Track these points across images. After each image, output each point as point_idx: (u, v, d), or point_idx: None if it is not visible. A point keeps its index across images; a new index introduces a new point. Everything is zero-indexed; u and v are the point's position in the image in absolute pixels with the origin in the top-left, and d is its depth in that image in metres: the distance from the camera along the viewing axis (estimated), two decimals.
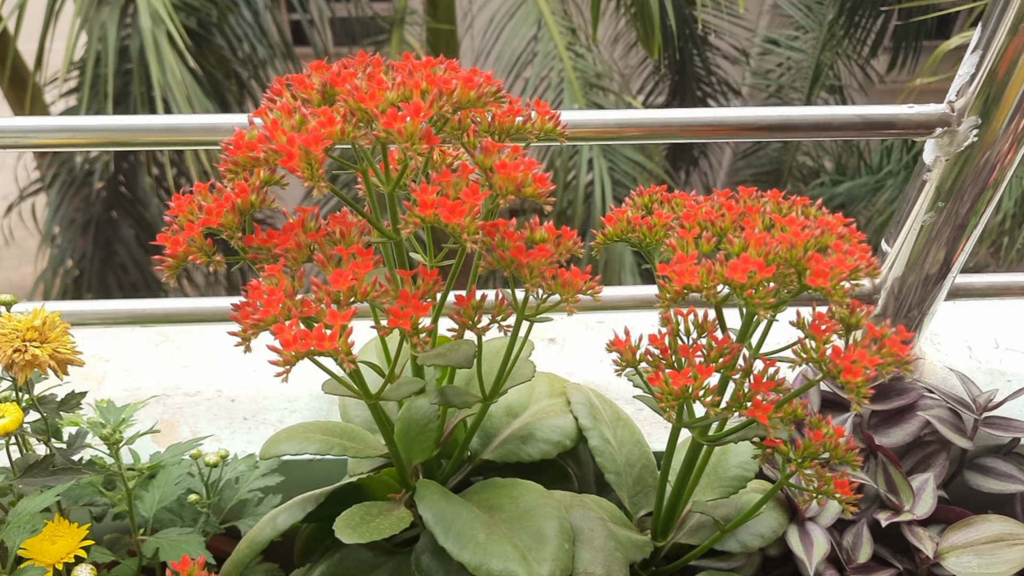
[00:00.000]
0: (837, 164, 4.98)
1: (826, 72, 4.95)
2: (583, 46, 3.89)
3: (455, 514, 0.59)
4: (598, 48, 4.25)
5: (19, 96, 4.13)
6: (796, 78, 5.15)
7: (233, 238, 0.50)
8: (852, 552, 0.75)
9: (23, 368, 0.53)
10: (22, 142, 0.71)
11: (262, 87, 3.94)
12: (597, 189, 3.65)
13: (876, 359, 0.49)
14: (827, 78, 4.99)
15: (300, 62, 3.95)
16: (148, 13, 3.41)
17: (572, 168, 3.78)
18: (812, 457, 0.55)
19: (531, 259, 0.50)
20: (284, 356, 0.44)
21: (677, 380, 0.49)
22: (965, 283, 0.86)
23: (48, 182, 4.13)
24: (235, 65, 3.94)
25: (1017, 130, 0.67)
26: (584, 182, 3.80)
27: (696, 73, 4.84)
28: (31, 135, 0.70)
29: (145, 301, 0.83)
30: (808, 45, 5.01)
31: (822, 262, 0.48)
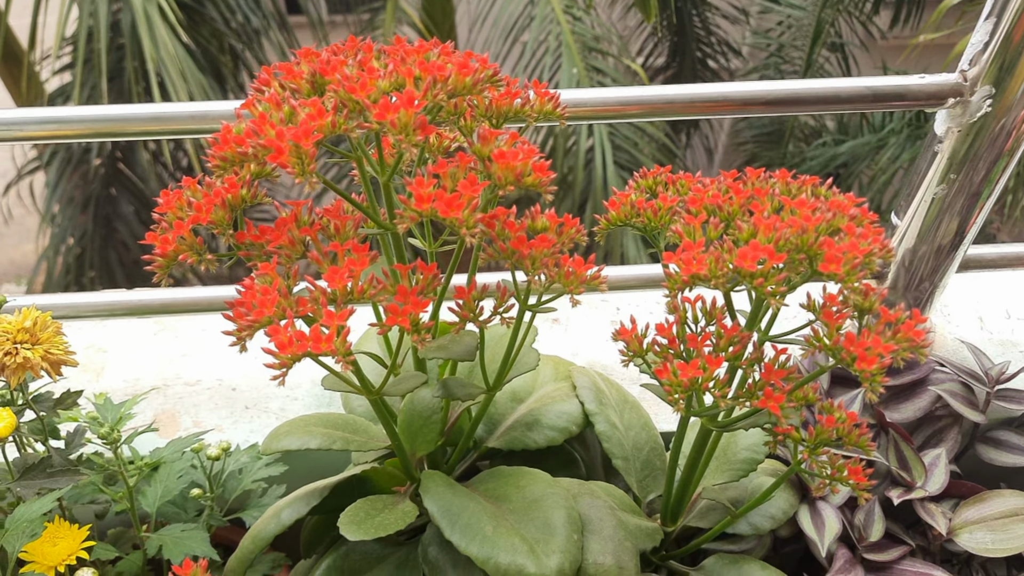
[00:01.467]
0: (839, 123, 4.92)
1: (827, 30, 4.87)
2: (581, 9, 3.83)
3: (461, 506, 0.58)
4: (596, 10, 4.19)
5: (13, 73, 4.08)
6: (797, 36, 5.08)
7: (224, 235, 0.48)
8: (864, 530, 0.74)
9: (15, 371, 0.52)
10: (11, 135, 0.69)
11: (256, 58, 3.89)
12: (597, 154, 3.61)
13: (891, 345, 0.47)
14: (828, 36, 4.92)
15: (294, 33, 3.89)
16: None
17: (572, 133, 3.74)
18: (824, 443, 0.54)
19: (533, 249, 0.49)
20: (280, 359, 0.43)
21: (686, 372, 0.48)
22: (976, 254, 0.84)
23: (46, 160, 4.10)
24: (229, 38, 3.89)
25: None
26: (584, 147, 3.76)
27: (696, 33, 4.77)
28: (19, 127, 0.68)
29: (142, 292, 0.82)
30: (808, 2, 4.93)
31: (834, 247, 0.46)
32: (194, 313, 0.83)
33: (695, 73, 4.82)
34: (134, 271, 4.06)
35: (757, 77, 4.97)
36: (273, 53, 3.93)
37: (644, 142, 3.83)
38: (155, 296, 0.82)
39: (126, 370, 0.85)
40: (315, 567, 0.63)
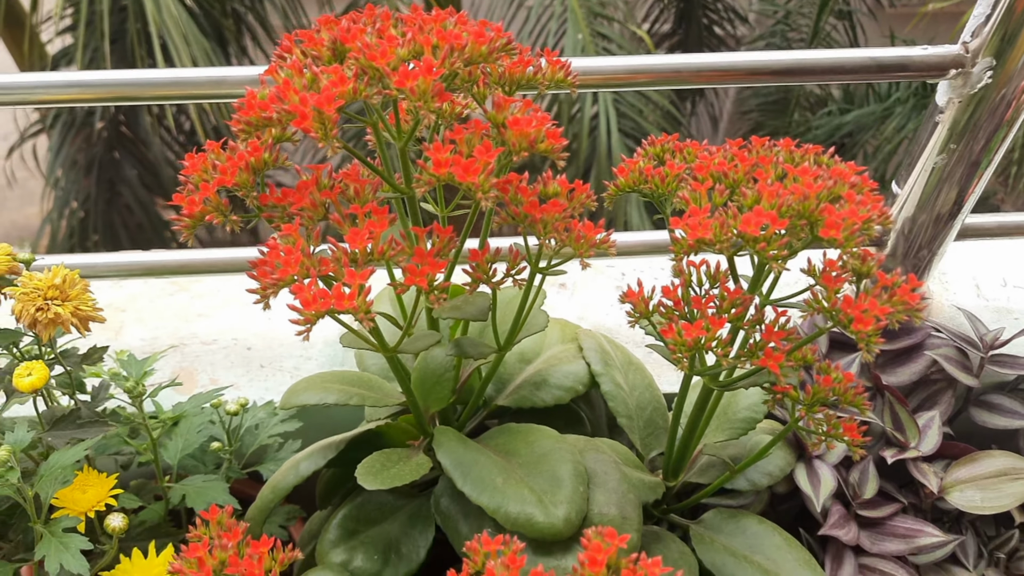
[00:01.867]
0: (845, 92, 4.90)
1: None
2: None
3: (473, 460, 0.61)
4: None
5: (15, 36, 4.07)
6: (804, 3, 5.03)
7: (248, 197, 0.50)
8: (858, 488, 0.77)
9: (46, 326, 0.54)
10: (29, 98, 0.70)
11: (259, 22, 3.87)
12: (602, 122, 3.60)
13: (887, 308, 0.49)
14: (835, 3, 4.87)
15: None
16: None
17: (577, 101, 3.73)
18: (821, 402, 0.56)
19: (545, 214, 0.51)
20: (304, 315, 0.45)
21: (690, 332, 0.50)
22: (974, 223, 0.86)
23: (49, 123, 4.10)
24: (232, 2, 3.87)
25: None
26: (589, 115, 3.75)
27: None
28: (38, 91, 0.70)
29: (158, 253, 0.84)
30: None
31: (835, 213, 0.48)
32: (209, 274, 0.85)
33: (701, 40, 4.79)
34: (138, 235, 4.07)
35: (763, 44, 4.94)
36: (276, 15, 3.90)
37: (649, 110, 3.83)
38: (171, 257, 0.84)
39: (143, 330, 0.87)
40: (331, 517, 0.66)
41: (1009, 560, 0.81)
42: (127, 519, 0.56)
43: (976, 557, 0.79)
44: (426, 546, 0.65)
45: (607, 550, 0.44)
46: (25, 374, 0.54)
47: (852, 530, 0.75)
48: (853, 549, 0.75)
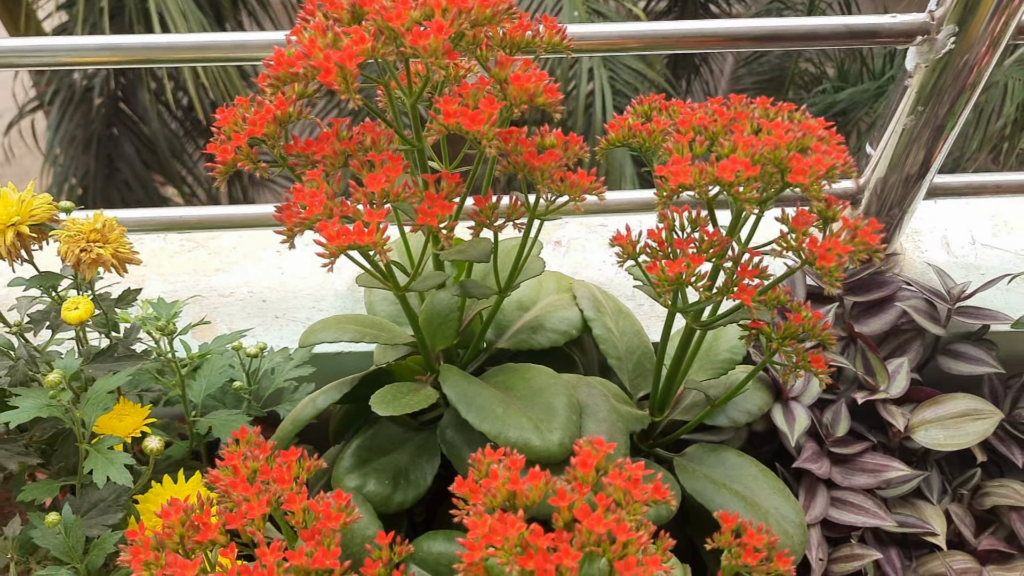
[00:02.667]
0: (839, 70, 4.94)
1: None
2: None
3: (475, 392, 0.67)
4: None
5: (12, 12, 4.07)
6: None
7: (275, 147, 0.55)
8: (831, 427, 0.83)
9: (89, 266, 0.60)
10: (59, 60, 0.75)
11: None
12: (598, 99, 3.64)
13: (849, 247, 0.55)
14: None
15: None
16: None
17: (572, 78, 3.76)
18: (792, 337, 0.62)
19: (542, 162, 0.56)
20: (329, 249, 0.51)
21: (672, 268, 0.55)
22: (943, 183, 0.91)
23: (48, 99, 4.11)
24: None
25: (993, 33, 0.71)
26: (584, 92, 3.79)
27: None
28: (68, 53, 0.75)
29: (176, 209, 0.89)
30: None
31: (802, 161, 0.54)
32: (224, 229, 0.90)
33: (697, 17, 4.82)
34: None
35: None
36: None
37: (644, 88, 3.86)
38: (189, 213, 0.89)
39: (164, 283, 0.93)
40: (345, 447, 0.72)
41: (972, 497, 0.87)
42: (163, 441, 0.61)
43: (940, 492, 0.85)
44: (432, 473, 0.71)
45: (596, 455, 0.50)
46: (72, 308, 0.59)
47: (825, 465, 0.81)
48: (825, 483, 0.82)
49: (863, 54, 4.84)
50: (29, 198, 0.63)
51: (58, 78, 4.02)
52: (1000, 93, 3.77)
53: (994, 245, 0.96)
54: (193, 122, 4.28)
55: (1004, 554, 0.83)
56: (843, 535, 0.80)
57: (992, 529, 0.86)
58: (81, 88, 4.05)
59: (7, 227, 0.62)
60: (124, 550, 0.48)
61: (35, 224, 0.63)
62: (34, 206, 0.63)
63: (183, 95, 4.11)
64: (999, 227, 0.98)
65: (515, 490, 0.48)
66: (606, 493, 0.48)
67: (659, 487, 0.49)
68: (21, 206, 0.63)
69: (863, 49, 4.75)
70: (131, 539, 0.48)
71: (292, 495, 0.50)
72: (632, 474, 0.49)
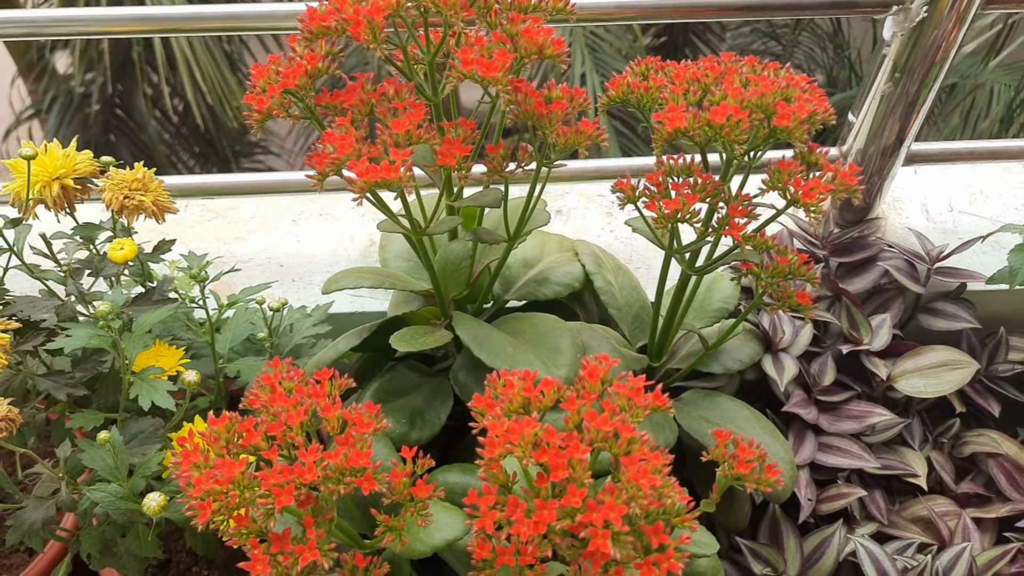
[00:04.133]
0: (828, 76, 5.03)
1: None
2: None
3: (487, 334, 0.72)
4: None
5: None
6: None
7: (306, 97, 0.61)
8: (818, 377, 0.88)
9: (131, 212, 0.65)
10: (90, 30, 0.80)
11: None
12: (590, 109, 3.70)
13: (829, 186, 0.61)
14: None
15: None
16: None
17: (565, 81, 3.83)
18: (779, 275, 0.67)
19: (550, 110, 0.61)
20: (358, 184, 0.56)
21: (669, 205, 0.61)
22: (921, 150, 0.97)
23: (46, 106, 4.15)
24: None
25: (959, 10, 0.77)
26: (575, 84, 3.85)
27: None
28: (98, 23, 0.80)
29: (196, 176, 0.94)
30: None
31: (787, 107, 0.59)
32: (243, 196, 0.95)
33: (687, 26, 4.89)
34: None
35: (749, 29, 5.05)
36: None
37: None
38: (210, 180, 0.94)
39: (185, 251, 0.97)
40: (364, 391, 0.77)
41: (952, 446, 0.92)
42: (199, 375, 0.66)
43: (922, 441, 0.90)
44: (446, 414, 0.76)
45: (602, 368, 0.55)
46: (118, 248, 0.64)
47: (812, 412, 0.86)
48: (813, 429, 0.87)
49: (851, 60, 4.93)
50: (73, 153, 0.68)
51: (55, 85, 4.06)
52: (987, 97, 3.84)
53: (971, 212, 1.02)
54: (190, 128, 4.33)
55: (982, 497, 0.89)
56: (830, 477, 0.85)
57: (971, 476, 0.91)
58: (78, 95, 4.09)
59: (53, 180, 0.67)
60: (174, 453, 0.53)
61: (78, 178, 0.68)
62: (78, 161, 0.68)
63: (179, 101, 4.15)
64: (975, 195, 1.04)
65: (530, 396, 0.53)
66: (611, 400, 0.53)
67: (659, 395, 0.54)
68: (66, 160, 0.68)
69: (851, 54, 4.85)
70: (181, 443, 0.53)
71: (328, 405, 0.55)
72: (635, 384, 0.54)
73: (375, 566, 0.59)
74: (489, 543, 0.54)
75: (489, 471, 0.52)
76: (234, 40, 3.95)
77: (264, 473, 0.51)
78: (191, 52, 3.62)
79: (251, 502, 0.51)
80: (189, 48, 3.59)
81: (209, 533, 0.75)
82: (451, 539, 0.64)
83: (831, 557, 0.80)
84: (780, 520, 0.82)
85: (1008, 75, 3.69)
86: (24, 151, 0.63)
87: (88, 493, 0.58)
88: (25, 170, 0.66)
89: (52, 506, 0.61)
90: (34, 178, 0.67)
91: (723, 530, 0.83)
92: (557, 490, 0.50)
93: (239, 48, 3.97)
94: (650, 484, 0.50)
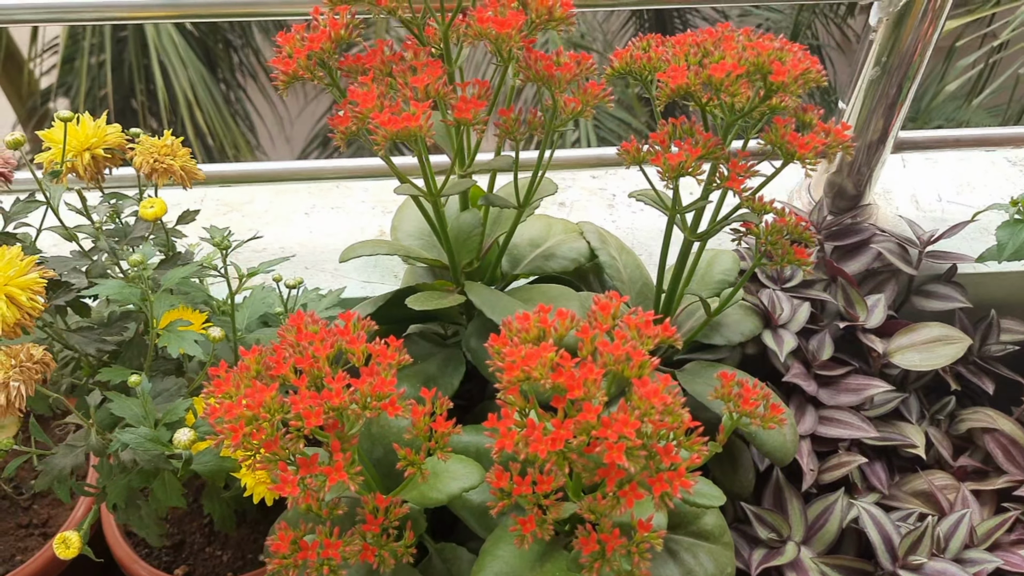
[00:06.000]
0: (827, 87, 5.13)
1: (804, 32, 5.09)
2: None
3: (498, 299, 0.75)
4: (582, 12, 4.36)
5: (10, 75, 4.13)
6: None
7: (331, 60, 0.64)
8: (816, 353, 0.91)
9: (161, 175, 0.68)
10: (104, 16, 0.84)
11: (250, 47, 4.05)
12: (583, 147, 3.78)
13: (823, 140, 0.64)
14: (805, 38, 5.12)
15: None
16: None
17: None
18: (777, 232, 0.71)
19: (560, 72, 0.65)
20: (381, 134, 0.59)
21: (673, 158, 0.64)
22: (909, 137, 1.01)
23: None
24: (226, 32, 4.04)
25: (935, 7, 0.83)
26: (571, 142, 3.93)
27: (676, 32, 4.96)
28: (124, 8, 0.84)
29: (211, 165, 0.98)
30: (786, 7, 5.14)
31: (781, 65, 0.63)
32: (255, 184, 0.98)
33: None
34: None
35: None
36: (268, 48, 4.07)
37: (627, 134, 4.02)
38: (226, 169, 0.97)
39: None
40: None
41: (950, 424, 0.95)
42: (223, 331, 0.69)
43: (919, 416, 0.93)
44: (458, 380, 0.79)
45: (613, 304, 0.58)
46: (148, 206, 0.67)
47: (812, 384, 0.89)
48: (813, 403, 0.89)
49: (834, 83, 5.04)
50: (104, 125, 0.72)
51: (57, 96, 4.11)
52: None
53: (959, 202, 1.06)
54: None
55: (980, 472, 0.91)
56: (831, 449, 0.88)
57: (968, 452, 0.93)
58: None
59: (84, 150, 0.71)
60: (207, 384, 0.55)
61: (108, 148, 0.72)
62: (108, 132, 0.72)
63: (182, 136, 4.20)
64: (963, 187, 1.08)
65: (545, 326, 0.56)
66: (622, 330, 0.56)
67: (667, 327, 0.57)
68: (97, 131, 0.71)
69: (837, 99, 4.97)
70: (213, 375, 0.56)
71: (353, 338, 0.57)
72: (644, 318, 0.57)
73: (395, 506, 0.61)
74: (507, 473, 0.57)
75: (507, 395, 0.54)
76: (233, 86, 4.04)
77: (294, 397, 0.54)
78: (192, 94, 3.69)
79: (281, 424, 0.53)
80: (191, 90, 3.66)
81: (225, 502, 0.77)
82: (468, 486, 0.66)
83: (835, 523, 0.82)
84: (784, 487, 0.84)
85: (990, 116, 3.78)
86: (62, 114, 0.66)
87: (118, 435, 0.60)
88: (58, 140, 0.70)
89: (81, 453, 0.63)
90: (67, 148, 0.70)
91: (728, 498, 0.84)
92: (574, 410, 0.53)
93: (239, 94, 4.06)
94: (661, 402, 0.52)
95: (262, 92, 4.12)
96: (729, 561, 0.73)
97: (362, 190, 1.05)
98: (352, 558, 0.58)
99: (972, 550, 0.81)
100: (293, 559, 0.57)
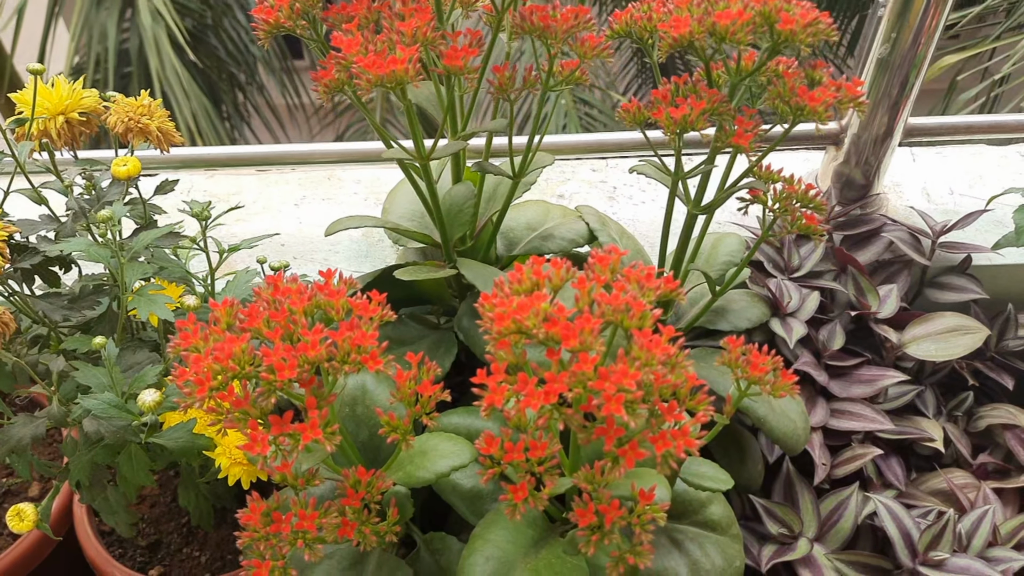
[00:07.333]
0: None
1: None
2: None
3: (491, 273, 0.71)
4: None
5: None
6: None
7: (314, 8, 0.61)
8: (827, 343, 0.86)
9: (137, 135, 0.65)
10: None
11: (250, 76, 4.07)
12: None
13: (834, 94, 0.61)
14: None
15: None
16: (148, 11, 3.53)
17: None
18: (788, 198, 0.67)
19: (556, 24, 0.62)
20: (365, 77, 0.56)
21: (676, 112, 0.61)
22: (919, 123, 0.98)
23: None
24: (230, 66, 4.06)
25: None
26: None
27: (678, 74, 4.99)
28: None
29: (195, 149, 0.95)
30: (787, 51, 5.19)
31: (788, 15, 0.60)
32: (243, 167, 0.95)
33: None
34: None
35: None
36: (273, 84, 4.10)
37: None
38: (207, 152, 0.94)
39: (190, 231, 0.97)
40: None
41: (968, 421, 0.90)
42: (200, 299, 0.65)
43: (935, 412, 0.88)
44: (450, 361, 0.74)
45: (612, 257, 0.54)
46: (121, 164, 0.63)
47: (823, 375, 0.84)
48: (824, 395, 0.85)
49: None
50: (80, 88, 0.69)
51: None
52: None
53: (970, 195, 1.02)
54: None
55: (1001, 470, 0.86)
56: (844, 443, 0.83)
57: (988, 450, 0.88)
58: None
59: (57, 114, 0.68)
60: (176, 329, 0.51)
61: (83, 112, 0.68)
62: (83, 95, 0.68)
63: None
64: (974, 180, 1.04)
65: (539, 278, 0.52)
66: (621, 282, 0.52)
67: (669, 279, 0.53)
68: (72, 94, 0.68)
69: None
70: (180, 327, 0.52)
71: (333, 291, 0.53)
72: (645, 271, 0.53)
73: (378, 479, 0.57)
74: (497, 439, 0.53)
75: (498, 349, 0.50)
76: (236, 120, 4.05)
77: (266, 349, 0.49)
78: (195, 126, 3.69)
79: (253, 376, 0.49)
80: (194, 122, 3.66)
81: (202, 495, 0.72)
82: (457, 465, 0.61)
83: (849, 519, 0.77)
84: (795, 480, 0.79)
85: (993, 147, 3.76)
86: (33, 66, 0.63)
87: (81, 401, 0.56)
88: (30, 103, 0.67)
89: (42, 424, 0.59)
90: (40, 111, 0.67)
91: (736, 492, 0.80)
92: (569, 363, 0.49)
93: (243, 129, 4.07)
94: (664, 352, 0.48)
95: (267, 126, 4.13)
96: (738, 554, 0.68)
97: (354, 181, 1.02)
98: (329, 533, 0.54)
99: (997, 548, 0.76)
100: (264, 532, 0.52)
